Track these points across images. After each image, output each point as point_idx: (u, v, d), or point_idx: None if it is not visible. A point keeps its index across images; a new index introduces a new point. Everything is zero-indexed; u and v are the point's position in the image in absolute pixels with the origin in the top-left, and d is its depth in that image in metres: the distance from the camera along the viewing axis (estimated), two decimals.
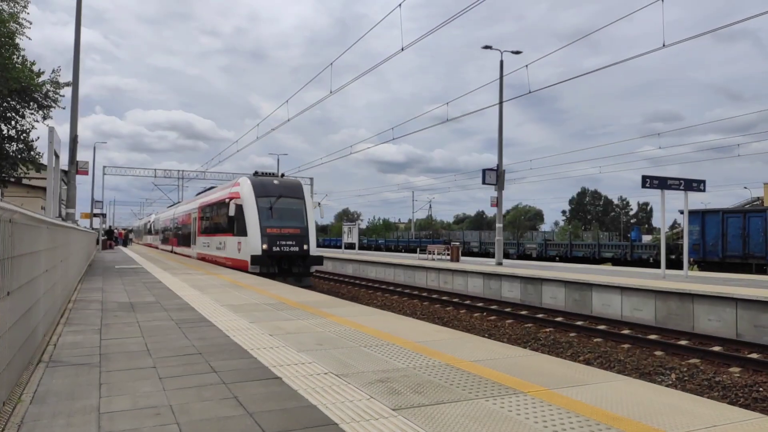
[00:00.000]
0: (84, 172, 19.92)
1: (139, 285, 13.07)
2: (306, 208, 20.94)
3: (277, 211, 20.10)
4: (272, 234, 19.47)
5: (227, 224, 21.35)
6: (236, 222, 20.35)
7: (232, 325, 7.37)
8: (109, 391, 4.27)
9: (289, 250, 19.63)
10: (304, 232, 20.30)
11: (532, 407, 3.88)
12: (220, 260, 22.53)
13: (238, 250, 20.14)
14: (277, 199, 20.27)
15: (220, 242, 22.85)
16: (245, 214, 19.84)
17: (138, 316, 8.22)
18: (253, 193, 20.00)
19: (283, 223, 20.01)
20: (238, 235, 20.26)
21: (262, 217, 19.66)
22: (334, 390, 4.30)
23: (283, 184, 21.20)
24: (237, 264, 20.26)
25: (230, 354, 5.61)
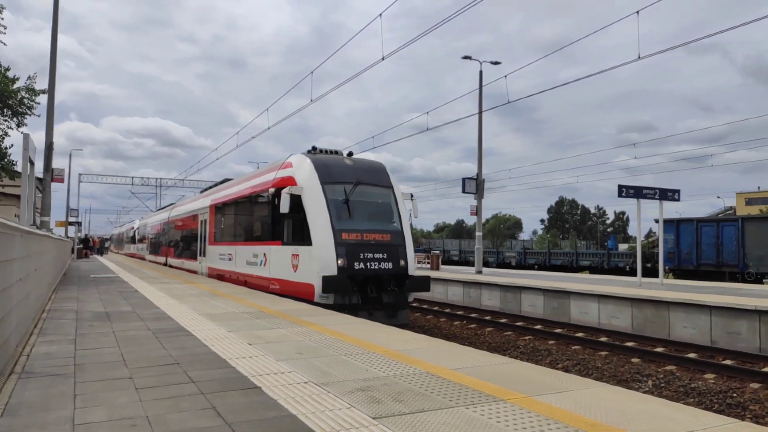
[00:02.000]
0: (59, 180, 19.32)
1: (115, 294, 12.86)
2: (397, 202, 13.62)
3: (356, 207, 12.87)
4: (352, 242, 12.21)
5: (270, 227, 14.12)
6: (288, 223, 13.25)
7: (210, 334, 7.29)
8: (84, 403, 4.18)
9: (378, 268, 12.29)
10: (398, 238, 12.97)
11: (512, 414, 3.90)
12: (255, 281, 15.03)
13: (294, 268, 12.74)
14: (354, 188, 12.91)
15: (254, 254, 15.17)
16: (307, 210, 12.47)
17: (114, 325, 8.09)
18: (318, 178, 12.73)
19: (367, 225, 12.82)
20: (294, 244, 12.95)
21: (335, 214, 12.40)
22: (314, 399, 4.28)
23: (360, 166, 13.90)
24: (292, 289, 12.79)
25: (208, 364, 5.54)
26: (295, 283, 12.70)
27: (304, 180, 12.83)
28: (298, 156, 13.81)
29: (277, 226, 13.59)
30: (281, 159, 14.91)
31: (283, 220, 13.22)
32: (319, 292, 11.75)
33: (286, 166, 13.91)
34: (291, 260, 12.92)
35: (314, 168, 12.94)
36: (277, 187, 13.47)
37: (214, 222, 19.98)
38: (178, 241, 27.18)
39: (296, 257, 12.73)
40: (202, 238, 21.62)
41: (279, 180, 13.68)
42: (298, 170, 13.18)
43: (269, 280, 14.08)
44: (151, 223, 38.52)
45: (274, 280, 13.81)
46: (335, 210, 12.47)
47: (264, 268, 14.45)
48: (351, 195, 12.86)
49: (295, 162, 13.63)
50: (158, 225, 34.09)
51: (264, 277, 14.44)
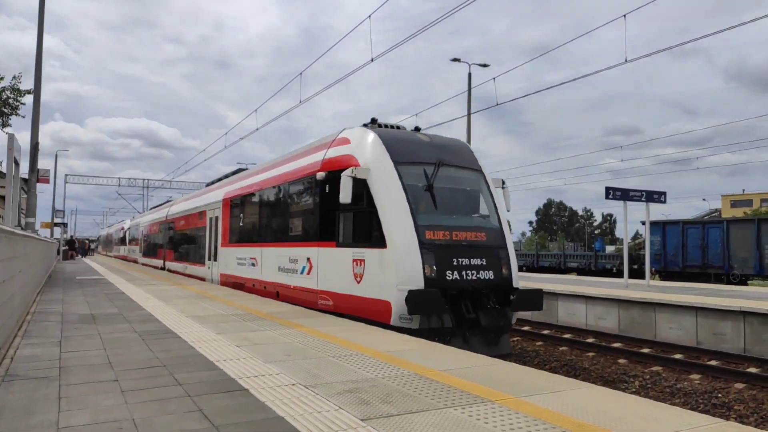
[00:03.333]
0: (45, 181, 19.10)
1: (101, 296, 12.74)
2: (491, 190, 10.49)
3: (441, 196, 9.64)
4: (441, 243, 9.09)
5: (317, 222, 10.80)
6: (346, 217, 10.05)
7: (197, 336, 7.24)
8: (69, 405, 4.14)
9: (476, 278, 9.13)
10: (497, 238, 9.87)
11: (500, 415, 3.90)
12: (294, 293, 11.60)
13: (356, 278, 9.44)
14: (436, 170, 9.70)
15: (291, 258, 11.82)
16: (377, 199, 9.22)
17: (100, 328, 8.01)
18: (389, 157, 9.53)
19: (458, 220, 9.72)
20: (356, 245, 9.71)
21: (416, 205, 9.27)
22: (303, 401, 4.26)
23: (439, 143, 10.55)
24: (353, 306, 9.54)
25: (195, 366, 5.50)
26: (360, 299, 9.22)
27: (370, 159, 9.49)
28: (358, 129, 10.40)
29: (329, 222, 10.32)
30: (328, 135, 11.48)
31: (336, 214, 10.03)
32: (399, 313, 8.43)
33: (339, 142, 10.50)
34: (352, 267, 9.48)
35: (383, 144, 9.62)
36: (329, 170, 10.25)
37: (230, 219, 16.67)
38: (179, 243, 23.98)
39: (360, 263, 9.33)
40: (211, 238, 18.39)
41: (331, 161, 10.39)
42: (360, 147, 9.82)
43: (316, 293, 10.56)
44: (144, 222, 34.74)
45: (325, 293, 10.29)
46: (415, 199, 9.21)
47: (307, 278, 10.95)
48: (434, 179, 9.54)
49: (354, 137, 10.20)
50: (154, 224, 30.35)
51: (307, 289, 10.95)
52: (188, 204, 23.01)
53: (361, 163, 9.51)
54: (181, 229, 23.58)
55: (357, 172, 9.32)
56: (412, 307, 8.27)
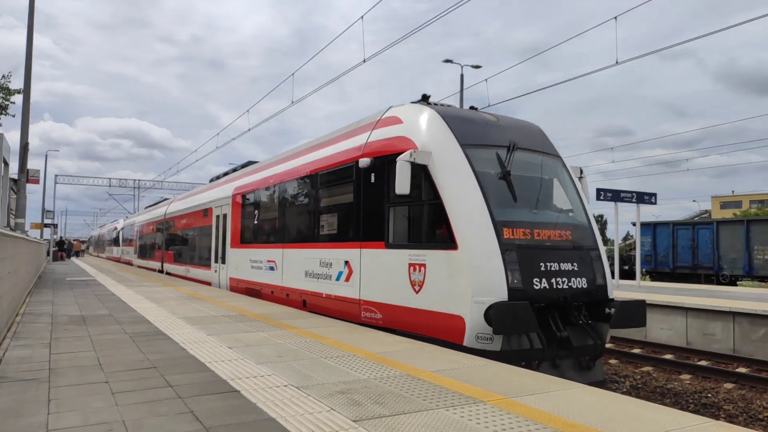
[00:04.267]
0: (35, 181, 18.91)
1: (91, 297, 12.66)
2: (573, 180, 8.89)
3: (519, 185, 8.02)
4: (524, 244, 7.47)
5: (359, 218, 9.09)
6: (399, 212, 8.44)
7: (189, 337, 7.21)
8: (59, 408, 4.10)
9: (567, 287, 7.50)
10: (587, 237, 8.20)
11: (491, 416, 3.91)
12: (328, 303, 9.85)
13: (415, 286, 7.77)
14: (510, 155, 8.11)
15: (324, 261, 10.07)
16: (442, 189, 7.61)
17: (90, 329, 7.96)
18: (455, 138, 7.95)
19: (540, 215, 8.05)
20: (414, 245, 8.03)
21: (491, 196, 7.62)
22: (294, 402, 4.25)
23: (508, 124, 8.86)
24: (410, 320, 7.88)
25: (187, 367, 5.48)
26: (419, 313, 7.58)
27: (430, 141, 7.86)
28: (411, 106, 8.78)
29: (374, 218, 8.62)
30: (369, 116, 9.88)
31: (385, 208, 8.39)
32: (476, 331, 6.81)
33: (387, 122, 8.87)
34: (408, 273, 7.79)
35: (445, 123, 8.01)
36: (374, 155, 8.69)
37: (241, 216, 14.88)
38: (179, 244, 22.24)
39: (419, 269, 7.64)
40: (218, 238, 16.70)
41: (377, 144, 8.77)
42: (417, 127, 8.18)
43: (359, 304, 8.83)
44: (140, 222, 32.52)
45: (370, 305, 8.58)
46: (489, 189, 7.54)
47: (346, 285, 9.24)
48: (511, 166, 7.92)
49: (407, 115, 8.55)
50: (150, 224, 28.39)
51: (346, 299, 9.19)
52: (190, 201, 21.11)
53: (419, 146, 7.87)
54: (181, 229, 21.76)
55: (417, 156, 7.59)
56: (499, 325, 6.53)
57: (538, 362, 7.06)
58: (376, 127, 9.14)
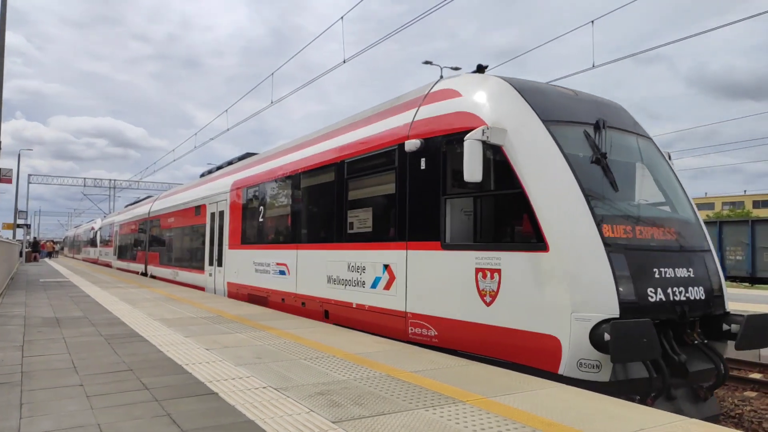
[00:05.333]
0: (7, 181, 18.52)
1: (65, 299, 12.43)
2: (671, 166, 7.69)
3: (616, 172, 6.46)
4: (635, 245, 5.97)
5: (408, 214, 7.57)
6: (461, 206, 7.11)
7: (165, 339, 7.12)
8: (31, 411, 4.02)
9: (684, 299, 5.92)
10: (698, 237, 6.79)
11: (470, 416, 3.93)
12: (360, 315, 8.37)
13: (485, 297, 6.27)
14: (600, 135, 6.62)
15: (354, 265, 8.60)
16: (524, 175, 6.06)
17: (64, 331, 7.81)
18: (534, 113, 6.44)
19: (644, 209, 6.68)
20: (490, 246, 6.43)
21: (587, 185, 6.03)
22: (273, 404, 4.22)
23: (590, 99, 7.32)
24: (484, 341, 6.28)
25: (163, 370, 5.41)
26: (492, 332, 6.17)
27: (504, 116, 6.45)
28: (471, 76, 7.48)
29: (425, 212, 7.22)
30: (413, 90, 8.49)
31: (441, 200, 6.97)
32: (577, 356, 5.42)
33: (440, 96, 7.44)
34: (475, 281, 6.38)
35: (520, 94, 6.64)
36: (425, 135, 7.29)
37: (242, 213, 13.31)
38: (166, 244, 20.57)
39: (491, 275, 6.22)
40: (213, 238, 15.17)
41: (428, 123, 7.34)
42: (483, 99, 6.77)
43: (404, 318, 7.37)
44: (120, 221, 30.45)
45: (421, 318, 7.10)
46: (584, 176, 6.09)
47: (386, 294, 7.77)
48: (604, 147, 6.54)
49: (467, 87, 7.15)
50: (132, 223, 26.62)
51: (386, 311, 7.73)
52: (179, 198, 19.44)
53: (489, 123, 6.34)
54: (169, 228, 19.99)
55: (491, 134, 6.14)
56: (620, 350, 5.06)
57: (656, 395, 5.51)
58: (424, 103, 7.66)
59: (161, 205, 21.67)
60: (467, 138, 6.16)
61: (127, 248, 27.93)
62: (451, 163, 6.89)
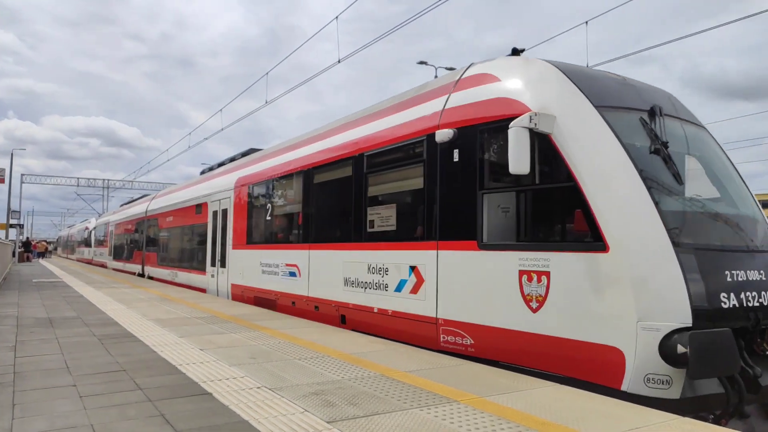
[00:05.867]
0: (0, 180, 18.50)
1: (58, 299, 12.37)
2: (730, 159, 7.01)
3: (679, 164, 5.95)
4: (705, 245, 5.42)
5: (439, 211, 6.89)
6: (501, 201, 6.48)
7: (159, 340, 7.09)
8: (23, 412, 4.00)
9: (758, 304, 5.27)
10: (764, 234, 6.14)
11: (465, 415, 3.93)
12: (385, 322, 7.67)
13: (532, 304, 5.66)
14: (660, 122, 6.05)
15: (379, 266, 7.86)
16: (577, 165, 5.48)
17: (57, 331, 7.77)
18: (586, 98, 5.84)
19: (710, 204, 6.10)
20: (537, 246, 5.82)
21: (649, 178, 5.45)
22: (268, 404, 4.21)
23: (639, 86, 6.69)
24: (530, 351, 5.67)
25: (157, 370, 5.39)
26: (540, 340, 5.58)
27: (552, 101, 5.87)
28: (510, 59, 6.87)
29: (458, 208, 6.64)
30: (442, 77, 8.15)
31: (477, 195, 6.33)
32: (644, 371, 4.88)
33: (475, 81, 6.81)
34: (518, 285, 5.79)
35: (568, 78, 6.09)
36: (461, 124, 6.64)
37: (248, 211, 12.77)
38: (164, 244, 19.97)
39: (537, 278, 5.64)
40: (216, 238, 14.52)
41: (461, 111, 6.73)
42: (526, 83, 6.22)
43: (435, 325, 6.73)
44: (116, 220, 29.84)
45: (455, 326, 6.48)
46: (645, 168, 5.53)
47: (413, 298, 7.15)
48: (662, 136, 5.94)
49: (506, 71, 6.55)
50: (129, 222, 25.98)
51: (416, 317, 7.05)
52: (178, 196, 18.78)
53: (534, 109, 5.74)
54: (168, 227, 19.30)
55: (539, 120, 5.57)
56: (701, 364, 4.59)
57: (732, 412, 4.96)
58: (455, 90, 7.04)
59: (159, 204, 21.00)
60: (512, 125, 5.56)
61: (124, 248, 27.33)
62: (488, 154, 6.33)
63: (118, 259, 28.30)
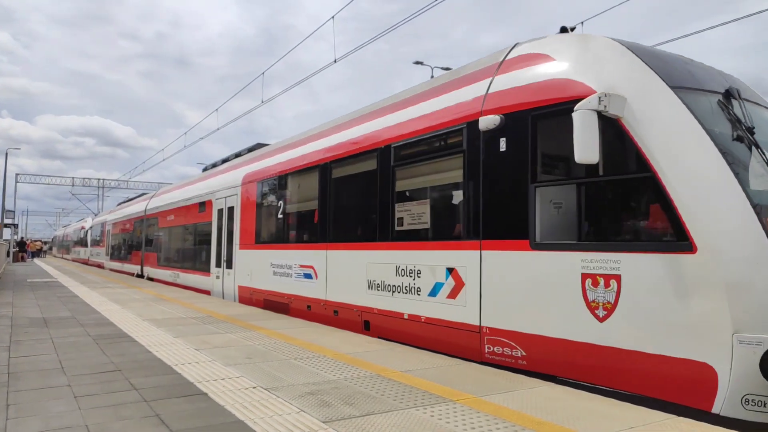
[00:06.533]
0: None
1: (53, 299, 12.32)
2: None
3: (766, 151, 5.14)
4: None
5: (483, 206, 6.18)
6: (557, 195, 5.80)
7: (154, 340, 7.07)
8: (18, 413, 3.98)
9: None
10: None
11: (461, 415, 3.93)
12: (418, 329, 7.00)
13: (597, 312, 4.99)
14: (739, 105, 5.45)
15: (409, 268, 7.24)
16: (652, 154, 4.83)
17: (52, 332, 7.74)
18: (659, 78, 5.19)
19: None
20: (604, 246, 5.06)
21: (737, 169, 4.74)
22: (263, 404, 4.20)
23: (708, 68, 6.02)
24: (596, 365, 5.00)
25: (152, 370, 5.37)
26: (609, 353, 4.95)
27: (621, 81, 5.26)
28: (564, 36, 6.28)
29: (506, 203, 5.98)
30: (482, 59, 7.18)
31: (529, 189, 5.66)
32: (742, 391, 4.28)
33: (523, 61, 6.16)
34: (582, 289, 5.13)
35: (636, 55, 5.49)
36: (510, 110, 5.95)
37: (256, 209, 12.12)
38: (165, 244, 19.29)
39: (604, 282, 4.99)
40: (221, 237, 13.84)
41: (511, 94, 6.03)
42: (588, 61, 5.59)
43: (478, 334, 6.07)
44: (114, 219, 29.05)
45: (505, 335, 5.81)
46: (731, 157, 4.91)
47: (452, 304, 6.47)
48: (746, 121, 5.40)
49: (561, 48, 5.89)
50: (127, 221, 25.28)
51: (456, 324, 6.39)
52: (180, 194, 18.05)
53: (600, 90, 5.06)
54: (168, 226, 18.59)
55: (609, 102, 4.92)
56: None
57: None
58: (500, 72, 6.37)
59: (159, 202, 20.32)
60: (578, 108, 4.92)
61: (121, 248, 26.58)
62: (543, 142, 5.66)
63: (115, 260, 27.74)
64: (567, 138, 4.98)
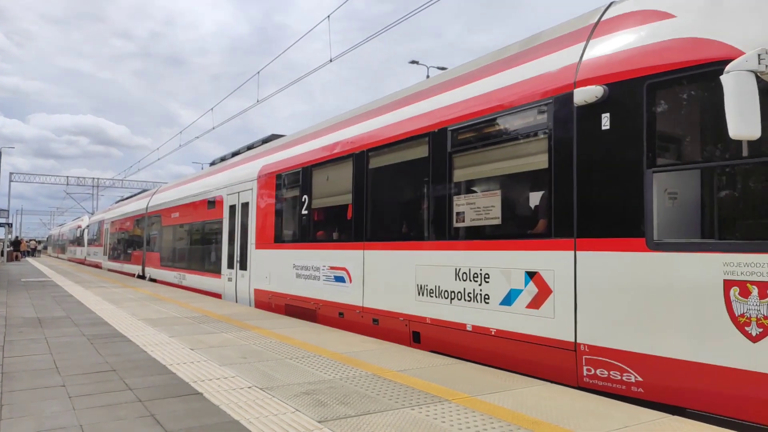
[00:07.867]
0: None
1: (47, 299, 12.27)
2: None
3: None
4: None
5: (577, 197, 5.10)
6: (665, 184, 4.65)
7: (149, 339, 7.05)
8: (12, 413, 3.96)
9: None
10: None
11: (456, 414, 3.94)
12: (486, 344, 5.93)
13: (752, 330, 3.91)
14: None
15: (473, 272, 6.19)
16: None
17: (46, 331, 7.71)
18: None
19: None
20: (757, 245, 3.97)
21: None
22: (259, 404, 4.20)
23: None
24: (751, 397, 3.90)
25: (147, 370, 5.36)
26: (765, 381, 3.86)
27: None
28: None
29: (613, 193, 4.88)
30: (567, 22, 6.08)
31: (645, 173, 4.60)
32: None
33: (626, 21, 5.18)
34: (726, 301, 4.10)
35: None
36: (615, 79, 4.92)
37: (276, 205, 11.03)
38: (169, 243, 18.09)
39: (763, 292, 3.93)
40: (234, 236, 12.83)
41: (615, 60, 4.99)
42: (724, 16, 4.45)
43: (577, 352, 5.01)
44: (112, 217, 27.92)
45: (611, 355, 4.75)
46: None
47: (534, 315, 5.45)
48: None
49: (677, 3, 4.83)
50: (127, 220, 24.22)
51: (540, 340, 5.36)
52: (185, 189, 16.96)
53: (745, 50, 4.08)
54: (173, 224, 17.51)
55: None
56: None
57: None
58: (595, 35, 5.38)
59: (162, 199, 19.19)
60: (730, 69, 3.97)
61: (121, 248, 25.49)
62: (664, 116, 4.72)
63: (114, 260, 26.63)
64: (697, 111, 4.19)
